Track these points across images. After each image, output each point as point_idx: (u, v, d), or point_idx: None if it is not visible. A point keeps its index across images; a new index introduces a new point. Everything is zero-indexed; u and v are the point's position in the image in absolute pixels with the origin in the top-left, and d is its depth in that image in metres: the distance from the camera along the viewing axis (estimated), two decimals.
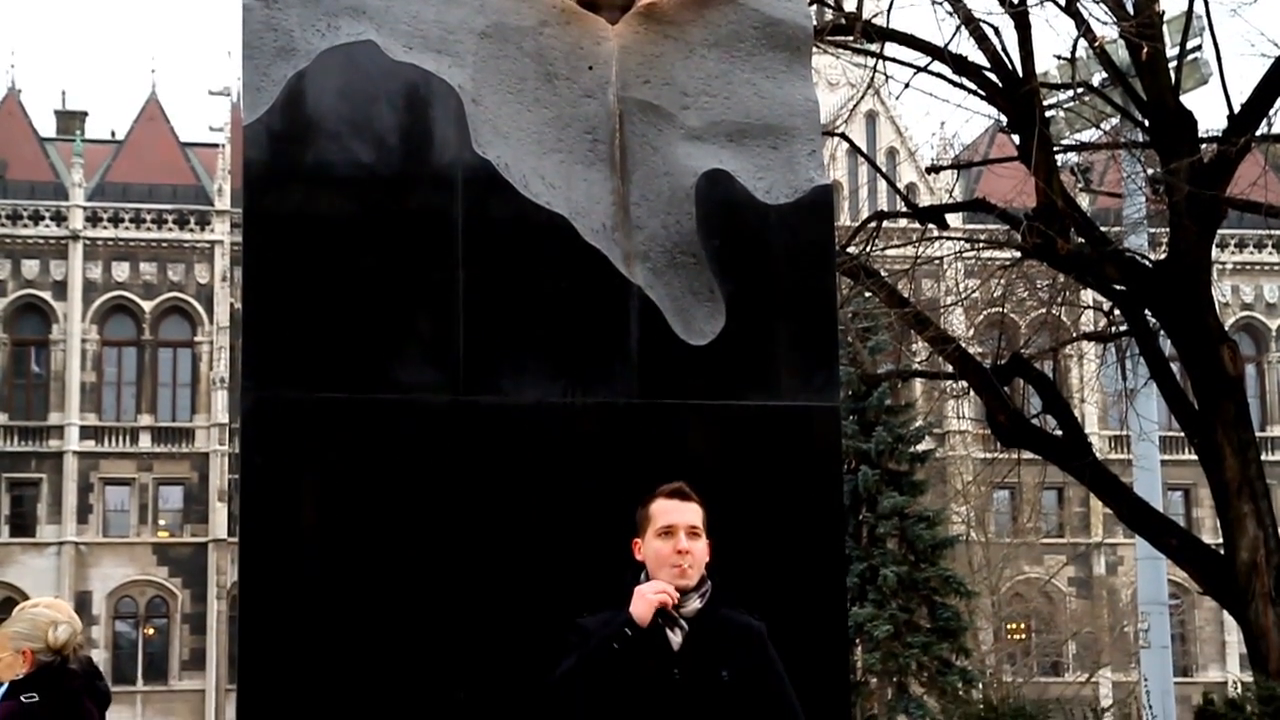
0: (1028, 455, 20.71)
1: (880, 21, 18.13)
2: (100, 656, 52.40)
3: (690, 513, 5.00)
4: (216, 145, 62.35)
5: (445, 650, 5.64)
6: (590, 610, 5.02)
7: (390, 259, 5.84)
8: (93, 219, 60.08)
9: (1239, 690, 16.41)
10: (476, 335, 5.84)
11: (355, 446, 5.72)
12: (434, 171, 5.95)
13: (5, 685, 6.44)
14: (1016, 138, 17.47)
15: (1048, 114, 17.69)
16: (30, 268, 59.42)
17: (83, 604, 54.19)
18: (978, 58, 17.14)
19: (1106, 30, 17.64)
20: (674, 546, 4.92)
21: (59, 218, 59.87)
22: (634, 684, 4.80)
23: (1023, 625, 53.69)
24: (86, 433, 58.52)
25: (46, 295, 59.37)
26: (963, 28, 16.88)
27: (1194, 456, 18.87)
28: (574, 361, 5.90)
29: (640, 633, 4.85)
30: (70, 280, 59.27)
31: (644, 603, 4.89)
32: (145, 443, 59.06)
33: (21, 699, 6.21)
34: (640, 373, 5.95)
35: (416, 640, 5.64)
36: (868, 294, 21.72)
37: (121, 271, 59.87)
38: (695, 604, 4.92)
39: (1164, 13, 17.77)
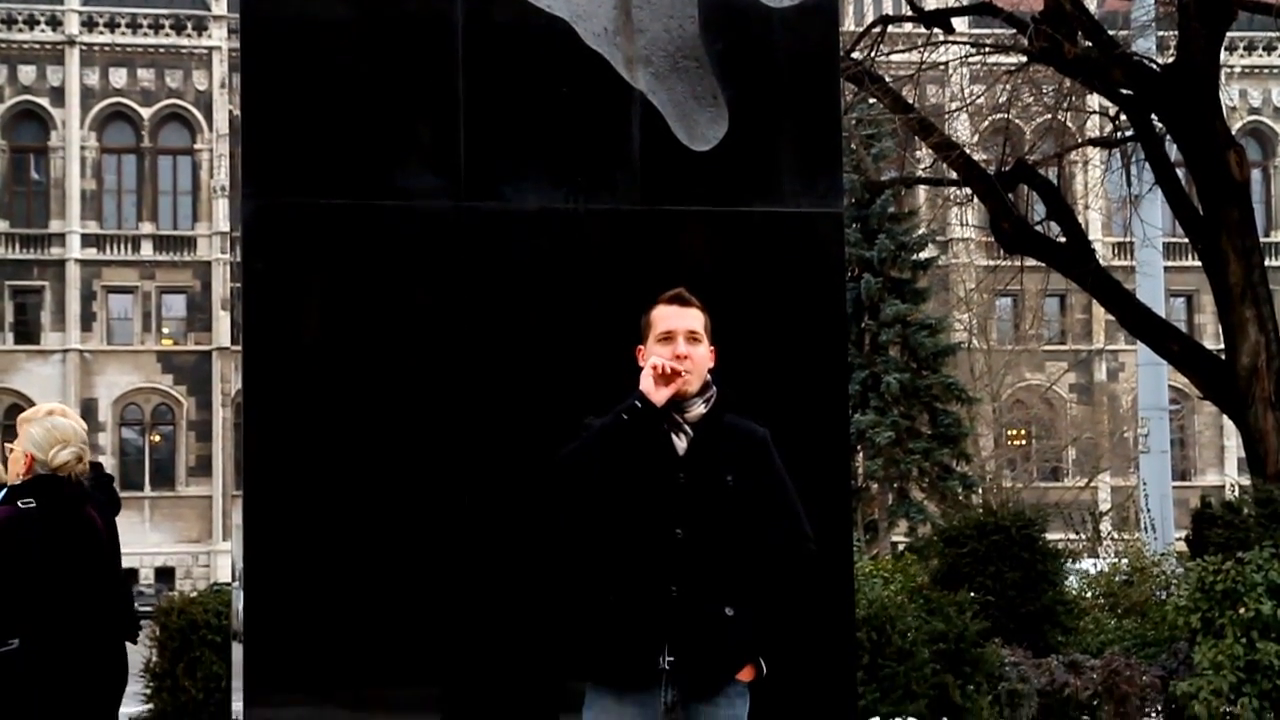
0: (1030, 262, 20.67)
1: None
2: (108, 463, 52.84)
3: (690, 318, 4.95)
4: None
5: (448, 454, 5.68)
6: (597, 416, 5.00)
7: (390, 64, 5.78)
8: (89, 24, 59.44)
9: (1236, 494, 16.54)
10: (477, 141, 5.79)
11: (356, 252, 5.71)
12: None
13: (4, 490, 6.47)
14: None
15: None
16: (27, 73, 58.91)
17: (89, 411, 54.61)
18: None
19: None
20: (673, 351, 4.89)
21: (54, 22, 59.23)
22: (638, 482, 4.80)
23: (1023, 431, 54.06)
24: (88, 240, 58.46)
25: (44, 101, 58.95)
26: None
27: (1197, 262, 18.83)
28: (576, 167, 5.86)
29: (650, 407, 4.84)
30: (68, 86, 58.82)
31: (647, 379, 4.86)
32: (147, 251, 59.02)
33: (19, 504, 6.23)
34: (643, 179, 5.92)
35: (419, 443, 5.67)
36: (872, 100, 21.55)
37: (119, 78, 59.37)
38: (699, 409, 4.90)
39: None
